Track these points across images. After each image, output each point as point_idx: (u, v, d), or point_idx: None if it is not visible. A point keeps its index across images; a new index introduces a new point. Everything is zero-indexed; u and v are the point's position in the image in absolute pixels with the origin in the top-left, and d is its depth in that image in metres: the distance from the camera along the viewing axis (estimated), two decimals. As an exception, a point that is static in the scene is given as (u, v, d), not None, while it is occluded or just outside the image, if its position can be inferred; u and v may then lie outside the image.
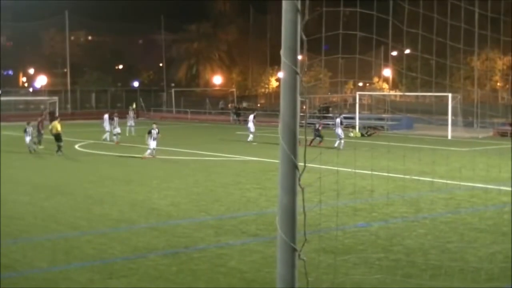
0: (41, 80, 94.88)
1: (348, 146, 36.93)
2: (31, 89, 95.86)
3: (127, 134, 47.55)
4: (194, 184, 24.81)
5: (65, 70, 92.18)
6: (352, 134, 48.66)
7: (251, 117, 45.45)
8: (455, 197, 21.69)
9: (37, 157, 34.37)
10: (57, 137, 35.48)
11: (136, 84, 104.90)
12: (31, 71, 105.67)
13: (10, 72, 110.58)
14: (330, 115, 60.89)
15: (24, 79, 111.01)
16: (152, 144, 32.73)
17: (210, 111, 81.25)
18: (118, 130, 43.18)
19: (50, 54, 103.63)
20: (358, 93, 67.30)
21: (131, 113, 51.46)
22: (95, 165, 31.07)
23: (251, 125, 44.24)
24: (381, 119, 59.19)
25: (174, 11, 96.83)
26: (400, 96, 73.47)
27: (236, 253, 14.77)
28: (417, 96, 66.06)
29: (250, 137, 43.53)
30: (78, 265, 13.73)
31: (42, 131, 39.33)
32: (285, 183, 5.00)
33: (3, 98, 76.64)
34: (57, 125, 35.86)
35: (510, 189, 20.75)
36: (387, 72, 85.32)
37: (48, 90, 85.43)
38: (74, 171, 28.89)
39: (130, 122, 50.56)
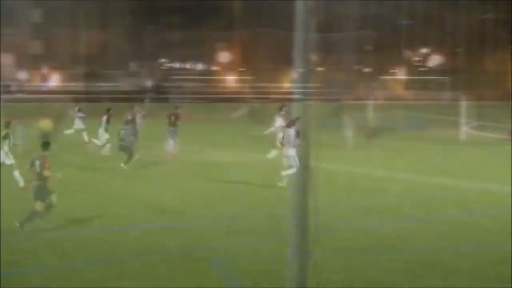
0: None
1: (359, 146, 36.81)
2: None
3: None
4: (205, 183, 24.79)
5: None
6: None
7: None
8: (467, 198, 21.59)
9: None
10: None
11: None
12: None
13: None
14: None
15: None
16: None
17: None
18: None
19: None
20: (370, 92, 67.13)
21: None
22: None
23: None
24: (394, 118, 58.92)
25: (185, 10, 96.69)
26: (413, 95, 73.32)
27: (248, 252, 14.75)
28: (430, 96, 65.87)
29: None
30: (89, 263, 13.75)
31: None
32: (297, 183, 4.99)
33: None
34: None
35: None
36: (400, 71, 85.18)
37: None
38: (83, 169, 28.84)
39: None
